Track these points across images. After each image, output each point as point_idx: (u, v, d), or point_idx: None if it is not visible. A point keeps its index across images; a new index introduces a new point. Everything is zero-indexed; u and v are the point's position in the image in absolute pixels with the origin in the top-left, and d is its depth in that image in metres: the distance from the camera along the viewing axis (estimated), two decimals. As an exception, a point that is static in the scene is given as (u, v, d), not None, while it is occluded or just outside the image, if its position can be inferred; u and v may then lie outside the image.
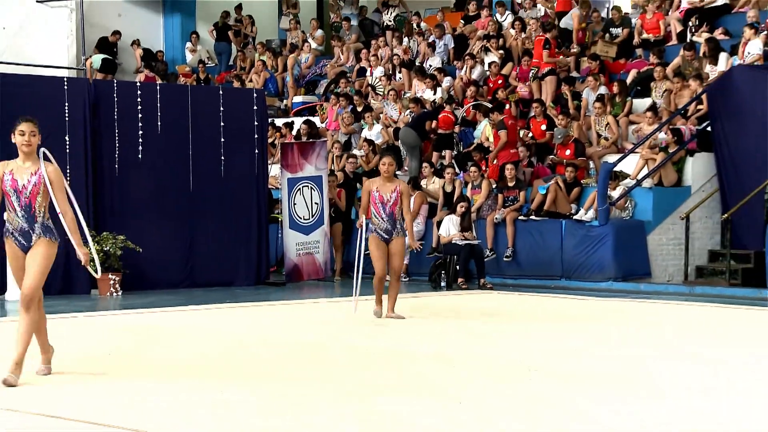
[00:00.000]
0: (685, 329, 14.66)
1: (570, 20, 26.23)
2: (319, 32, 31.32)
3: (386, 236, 15.14)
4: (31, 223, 10.08)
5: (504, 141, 22.55)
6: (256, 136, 21.78)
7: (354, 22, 31.25)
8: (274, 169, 23.60)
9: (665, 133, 21.49)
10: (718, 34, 23.51)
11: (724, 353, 12.23)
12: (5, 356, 9.80)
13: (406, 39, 28.85)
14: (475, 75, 25.94)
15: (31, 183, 9.91)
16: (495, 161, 22.76)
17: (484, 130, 23.92)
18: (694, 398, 9.20)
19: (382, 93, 27.11)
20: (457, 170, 22.83)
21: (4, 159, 18.82)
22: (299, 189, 22.36)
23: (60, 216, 10.18)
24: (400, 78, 27.41)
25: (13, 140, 9.93)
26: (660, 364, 11.33)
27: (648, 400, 9.05)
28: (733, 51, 22.54)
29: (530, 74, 25.04)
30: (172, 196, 20.84)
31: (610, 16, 25.80)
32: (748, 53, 22.10)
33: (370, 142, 25.17)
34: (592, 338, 13.54)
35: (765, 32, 22.54)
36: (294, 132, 26.36)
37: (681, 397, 9.27)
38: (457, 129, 24.54)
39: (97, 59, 30.79)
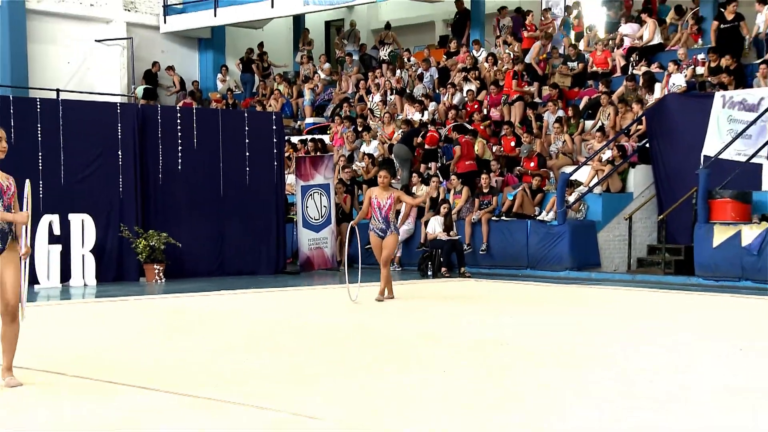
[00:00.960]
0: (628, 309, 14.51)
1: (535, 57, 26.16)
2: (327, 65, 31.26)
3: (381, 234, 15.33)
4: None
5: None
6: (275, 150, 21.66)
7: (355, 57, 31.15)
8: (290, 178, 23.52)
9: (611, 149, 21.43)
10: (654, 67, 23.45)
11: (659, 327, 12.26)
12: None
13: (398, 71, 28.72)
14: (455, 101, 25.77)
15: (11, 190, 8.92)
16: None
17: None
18: (638, 361, 9.22)
19: (378, 115, 26.89)
20: (441, 179, 22.68)
21: (71, 174, 18.93)
22: (311, 194, 22.30)
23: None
24: (394, 103, 27.16)
25: None
26: (610, 337, 11.31)
27: (599, 368, 8.98)
28: (666, 82, 22.41)
29: (501, 100, 24.81)
30: (206, 201, 20.74)
31: (567, 53, 25.61)
32: (673, 84, 22.13)
33: (369, 155, 24.97)
34: (553, 318, 13.33)
35: (692, 66, 22.37)
36: (306, 147, 26.21)
37: (629, 361, 9.22)
38: (441, 145, 24.22)
39: (140, 89, 30.89)
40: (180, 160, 20.42)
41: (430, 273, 20.46)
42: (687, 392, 7.94)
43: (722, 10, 22.85)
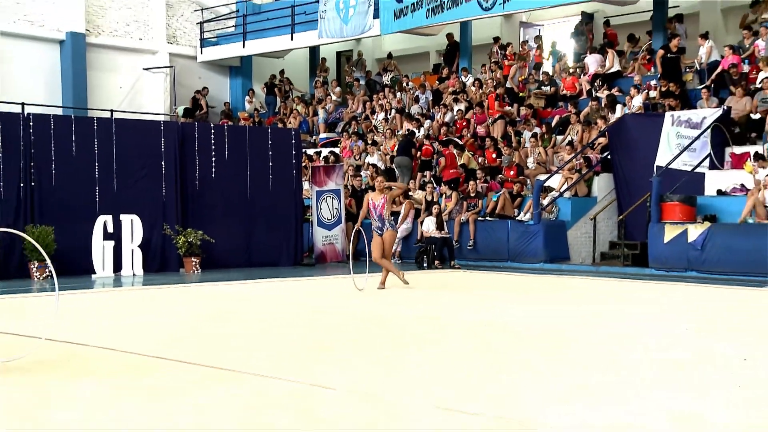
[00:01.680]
0: (593, 296, 14.51)
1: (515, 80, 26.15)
2: (338, 89, 31.29)
3: (379, 231, 15.33)
4: None
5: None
6: (293, 161, 21.80)
7: (362, 82, 31.18)
8: (306, 185, 23.53)
9: (579, 160, 21.49)
10: (615, 91, 23.47)
11: (620, 308, 12.19)
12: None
13: (398, 93, 28.72)
14: (446, 119, 25.81)
15: None
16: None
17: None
18: (600, 337, 9.12)
19: (381, 131, 26.90)
20: (434, 185, 22.66)
21: (122, 181, 18.99)
22: (324, 198, 22.37)
23: None
24: (395, 120, 27.15)
25: None
26: (579, 318, 11.22)
27: (570, 342, 8.91)
28: (624, 103, 22.41)
29: (486, 119, 24.77)
30: (235, 203, 20.84)
31: (542, 78, 25.60)
32: (633, 105, 22.19)
33: (373, 165, 25.02)
34: (530, 302, 13.35)
35: (645, 90, 22.39)
36: (320, 158, 26.22)
37: (593, 337, 9.04)
38: (434, 156, 24.23)
39: (181, 109, 30.97)
40: (213, 169, 20.49)
41: (425, 265, 20.51)
42: (637, 363, 7.99)
43: (668, 43, 22.94)
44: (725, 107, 20.49)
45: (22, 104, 22.22)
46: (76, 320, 11.48)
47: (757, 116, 20.00)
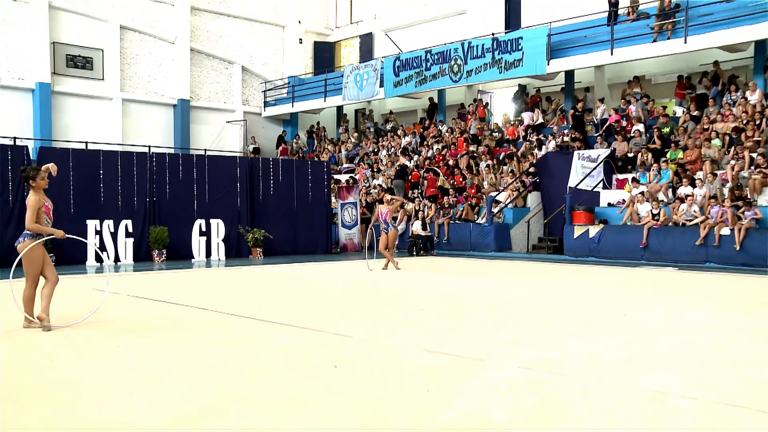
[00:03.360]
0: (527, 273, 14.42)
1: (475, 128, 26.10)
2: (355, 134, 31.20)
3: (385, 231, 15.44)
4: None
5: (426, 185, 23.29)
6: (325, 183, 21.62)
7: (372, 129, 31.07)
8: (333, 199, 23.38)
9: (518, 183, 21.30)
10: (540, 137, 23.34)
11: (545, 281, 12.06)
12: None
13: (396, 137, 28.59)
14: (428, 154, 25.65)
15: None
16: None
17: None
18: (535, 303, 8.98)
19: (384, 163, 26.85)
20: (420, 199, 22.60)
21: (212, 197, 19.07)
22: (346, 208, 22.27)
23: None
24: (394, 155, 27.11)
25: (42, 181, 7.43)
26: (520, 288, 11.12)
27: (516, 306, 8.89)
28: (546, 145, 22.37)
29: (456, 155, 24.69)
30: (286, 211, 20.63)
31: (493, 128, 25.54)
32: (552, 146, 22.06)
33: (379, 185, 24.89)
34: (484, 278, 13.29)
35: (560, 137, 22.35)
36: (343, 181, 26.17)
37: (530, 303, 9.07)
38: (420, 180, 24.15)
39: (250, 148, 30.92)
40: (271, 188, 20.37)
41: (414, 253, 20.33)
42: (557, 319, 7.96)
43: (576, 105, 22.96)
44: (612, 148, 20.46)
45: (149, 147, 22.44)
46: (180, 289, 11.53)
47: (632, 155, 20.04)
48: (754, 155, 17.17)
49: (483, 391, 4.93)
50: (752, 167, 16.95)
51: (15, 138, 19.46)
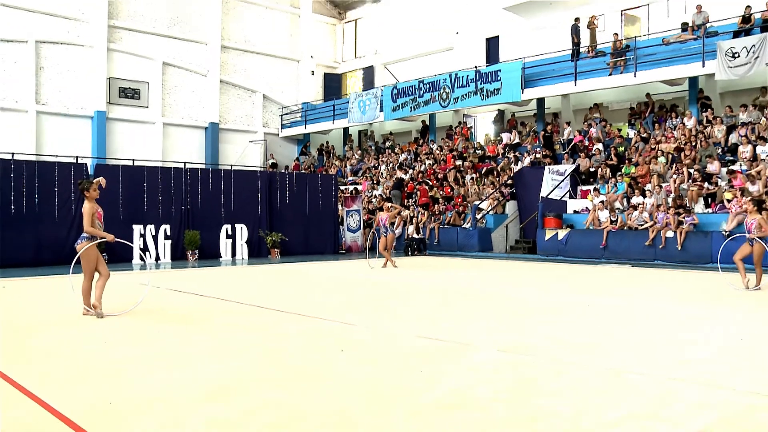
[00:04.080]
0: (505, 270, 14.39)
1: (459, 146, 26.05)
2: (359, 151, 31.11)
3: (385, 234, 15.35)
4: None
5: (420, 195, 23.07)
6: (333, 193, 21.47)
7: (373, 148, 30.99)
8: (340, 206, 23.31)
9: (498, 193, 21.25)
10: (517, 153, 23.30)
11: (520, 276, 12.06)
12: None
13: (394, 154, 28.58)
14: (422, 169, 25.54)
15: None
16: (419, 202, 22.87)
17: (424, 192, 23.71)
18: (511, 294, 8.93)
19: (384, 176, 26.80)
20: (415, 207, 22.50)
21: (237, 205, 19.06)
22: (351, 214, 22.21)
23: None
24: (392, 169, 27.08)
25: (94, 192, 7.42)
26: (499, 282, 11.08)
27: (495, 298, 8.82)
28: (522, 161, 22.35)
29: (445, 169, 24.63)
30: (300, 217, 20.49)
31: (476, 146, 25.54)
32: (526, 162, 21.94)
33: (380, 195, 24.78)
34: (469, 274, 13.23)
35: (533, 154, 22.32)
36: (348, 191, 26.13)
37: (509, 294, 9.03)
38: (415, 191, 24.07)
39: (268, 163, 30.83)
40: (287, 197, 20.29)
41: (409, 253, 20.23)
42: (529, 308, 7.96)
43: (546, 127, 22.96)
44: (577, 164, 20.46)
45: (184, 163, 22.42)
46: (210, 283, 11.52)
47: (593, 169, 20.03)
48: (692, 171, 17.31)
49: (468, 371, 4.93)
50: (690, 180, 17.08)
51: (77, 157, 19.94)
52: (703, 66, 18.53)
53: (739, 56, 17.56)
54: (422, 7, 30.74)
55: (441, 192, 23.45)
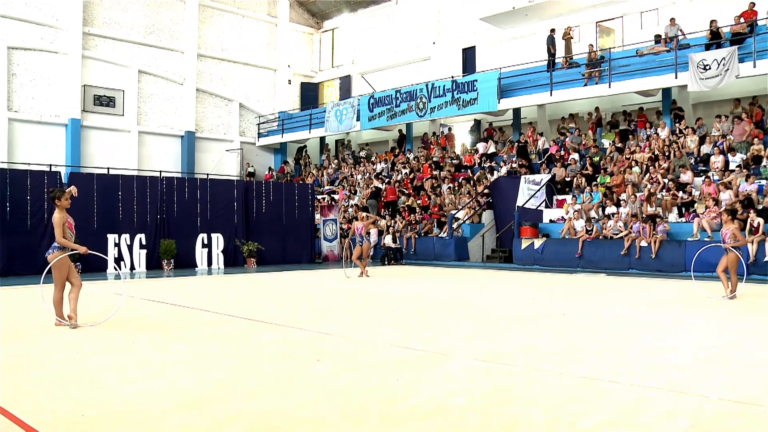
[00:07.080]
0: (481, 279, 14.44)
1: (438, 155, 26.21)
2: (336, 161, 31.12)
3: (360, 242, 15.38)
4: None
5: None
6: (309, 202, 21.52)
7: (350, 156, 31.02)
8: (317, 215, 23.30)
9: (474, 202, 21.34)
10: (493, 163, 23.52)
11: (495, 285, 12.16)
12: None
13: (370, 163, 28.61)
14: (399, 178, 25.63)
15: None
16: (402, 210, 22.81)
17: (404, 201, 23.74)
18: (484, 299, 8.99)
19: (360, 185, 26.82)
20: (390, 216, 22.52)
21: (213, 214, 18.94)
22: (327, 224, 22.18)
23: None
24: (369, 178, 27.12)
25: (66, 201, 7.34)
26: (475, 290, 11.18)
27: (467, 305, 8.89)
28: (498, 170, 22.52)
29: (422, 179, 24.74)
30: (275, 226, 20.51)
31: (453, 155, 25.66)
32: (503, 171, 22.16)
33: (356, 204, 24.82)
34: (444, 283, 13.29)
35: (509, 164, 22.53)
36: (325, 200, 26.12)
37: (480, 300, 9.07)
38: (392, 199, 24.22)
39: (245, 172, 30.70)
40: (264, 207, 20.28)
41: (386, 262, 20.33)
42: (504, 317, 7.99)
43: (520, 137, 23.16)
44: (552, 174, 20.69)
45: (160, 172, 22.30)
46: (186, 293, 11.42)
47: (569, 179, 20.26)
48: (666, 180, 17.54)
49: (444, 379, 4.95)
50: (664, 190, 17.31)
51: (51, 165, 19.77)
52: (676, 77, 18.88)
53: (710, 68, 17.92)
54: (399, 17, 30.96)
55: (418, 201, 23.54)
